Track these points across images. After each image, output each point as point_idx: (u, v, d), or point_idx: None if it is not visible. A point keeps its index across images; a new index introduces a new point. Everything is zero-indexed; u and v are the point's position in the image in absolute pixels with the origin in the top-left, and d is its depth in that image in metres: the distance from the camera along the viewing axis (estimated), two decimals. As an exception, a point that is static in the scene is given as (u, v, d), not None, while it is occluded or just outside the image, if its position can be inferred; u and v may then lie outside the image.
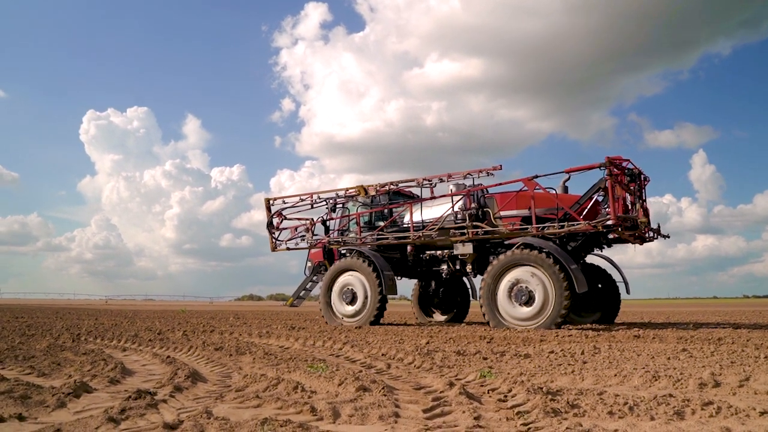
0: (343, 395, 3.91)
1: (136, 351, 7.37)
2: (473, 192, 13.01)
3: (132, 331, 10.74)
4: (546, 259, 11.17)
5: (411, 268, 14.62)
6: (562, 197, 12.11)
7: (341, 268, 14.09)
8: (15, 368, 5.41)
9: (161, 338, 9.09)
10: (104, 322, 15.48)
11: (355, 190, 14.72)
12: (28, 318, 18.39)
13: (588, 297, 13.17)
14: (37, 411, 3.47)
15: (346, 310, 13.95)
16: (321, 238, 15.10)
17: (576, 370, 5.09)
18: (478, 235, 12.51)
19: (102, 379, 4.59)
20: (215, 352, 6.90)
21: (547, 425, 3.08)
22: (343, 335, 9.57)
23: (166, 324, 14.04)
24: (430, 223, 13.36)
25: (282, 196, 16.06)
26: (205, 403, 3.71)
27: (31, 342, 8.29)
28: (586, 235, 11.93)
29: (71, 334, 9.73)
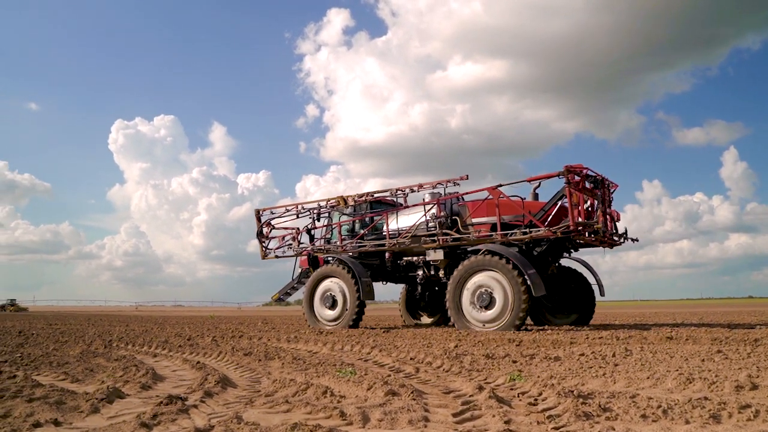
0: (372, 399, 3.92)
1: (167, 357, 7.45)
2: (444, 201, 13.57)
3: (162, 337, 10.88)
4: (505, 265, 11.69)
5: (390, 274, 15.29)
6: (530, 204, 12.65)
7: (323, 274, 14.84)
8: (50, 374, 5.51)
9: (191, 344, 9.19)
10: (135, 328, 15.70)
11: (336, 200, 15.49)
12: (61, 325, 18.73)
13: (564, 299, 14.08)
14: (71, 416, 3.53)
15: (327, 314, 14.68)
16: (306, 246, 15.95)
17: (607, 372, 5.03)
18: (447, 241, 13.12)
19: (134, 384, 4.66)
20: (244, 357, 6.96)
21: (578, 429, 3.04)
22: (371, 339, 9.58)
23: (195, 330, 14.19)
24: (404, 231, 14.00)
25: (270, 207, 16.91)
26: (235, 409, 3.74)
27: (64, 348, 8.45)
28: (550, 240, 12.37)
29: (103, 341, 9.88)
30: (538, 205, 12.61)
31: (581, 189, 11.72)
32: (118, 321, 23.55)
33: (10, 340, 10.33)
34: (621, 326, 14.56)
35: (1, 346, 9.00)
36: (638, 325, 15.19)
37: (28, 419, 3.43)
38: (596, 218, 11.77)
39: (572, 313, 14.30)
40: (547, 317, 14.54)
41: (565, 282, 14.10)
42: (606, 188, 12.35)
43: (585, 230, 11.65)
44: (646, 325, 15.13)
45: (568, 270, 14.14)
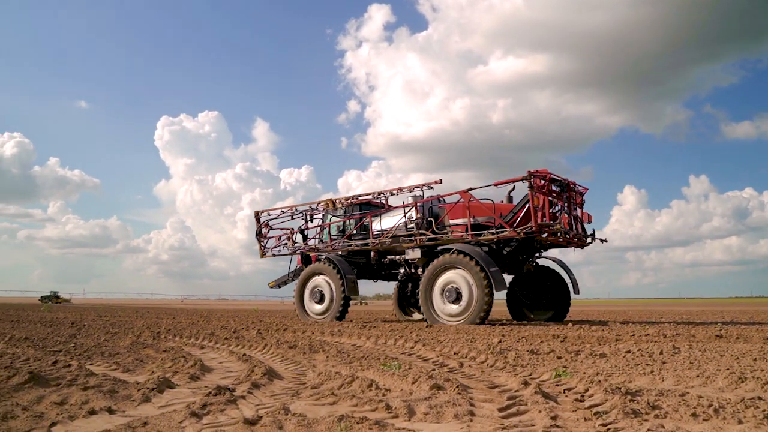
0: (417, 393, 3.92)
1: (213, 349, 7.59)
2: (422, 203, 14.58)
3: (208, 330, 11.09)
4: (470, 263, 12.51)
5: (376, 271, 16.38)
6: (502, 207, 13.58)
7: (312, 271, 16.06)
8: (102, 364, 5.68)
9: (236, 336, 9.35)
10: (181, 320, 16.03)
11: (325, 203, 16.82)
12: (111, 317, 19.24)
13: (542, 297, 15.14)
14: (124, 405, 3.63)
15: (316, 308, 15.93)
16: (300, 245, 17.23)
17: (655, 370, 4.94)
18: (423, 241, 14.11)
19: (183, 375, 4.76)
20: (289, 350, 7.04)
21: (627, 426, 3.00)
22: (414, 334, 9.59)
23: (240, 323, 14.42)
24: (387, 231, 14.99)
25: (268, 209, 18.17)
26: (282, 400, 3.79)
27: (115, 339, 8.69)
28: (519, 240, 13.18)
29: (151, 332, 10.12)
30: (510, 207, 13.45)
31: (545, 192, 12.50)
32: (164, 313, 24.07)
33: (63, 331, 10.66)
34: (668, 324, 14.26)
35: (56, 336, 9.29)
36: (685, 323, 14.85)
37: (84, 406, 3.54)
38: (559, 220, 12.50)
39: (549, 309, 15.14)
40: (526, 313, 15.48)
41: (542, 280, 15.04)
42: (573, 192, 13.21)
43: (546, 231, 12.37)
44: (693, 323, 14.80)
45: (545, 269, 14.96)
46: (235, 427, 2.98)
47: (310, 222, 17.32)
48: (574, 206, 13.27)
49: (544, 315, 15.15)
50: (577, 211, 13.42)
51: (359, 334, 9.65)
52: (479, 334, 9.59)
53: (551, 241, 12.89)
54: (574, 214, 13.23)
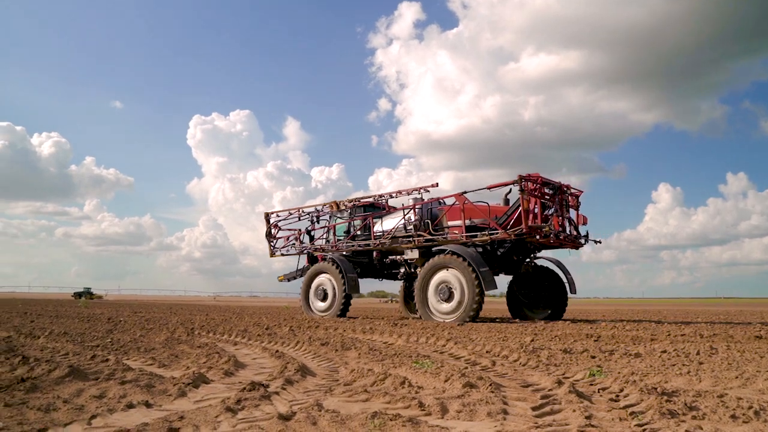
0: (450, 391, 3.93)
1: (247, 345, 7.68)
2: (420, 205, 15.35)
3: (241, 326, 11.21)
4: (462, 263, 13.13)
5: (379, 271, 17.17)
6: (497, 209, 14.19)
7: (316, 270, 17.00)
8: (138, 359, 5.79)
9: (269, 333, 9.44)
10: (214, 317, 16.24)
11: (329, 205, 17.92)
12: (146, 313, 19.57)
13: (540, 296, 15.58)
14: (161, 399, 3.70)
15: (319, 305, 16.87)
16: (307, 245, 18.28)
17: (692, 370, 4.87)
18: (420, 242, 14.84)
19: (217, 371, 4.83)
20: (321, 347, 7.09)
21: (663, 427, 2.97)
22: (446, 332, 9.57)
23: (272, 320, 14.55)
24: (386, 232, 15.84)
25: (277, 210, 19.26)
26: (315, 396, 3.83)
27: (150, 335, 8.84)
28: (512, 242, 13.70)
29: (186, 329, 10.27)
30: (504, 209, 14.03)
31: (537, 195, 13.11)
32: (198, 310, 24.39)
33: (100, 327, 10.88)
34: (704, 324, 14.00)
35: (93, 332, 9.49)
36: (723, 323, 14.57)
37: (122, 400, 3.62)
38: (550, 222, 13.03)
39: (547, 308, 15.54)
40: (525, 312, 15.83)
41: (540, 280, 15.50)
42: (566, 194, 13.73)
43: (536, 233, 12.91)
44: (731, 323, 14.52)
45: (543, 269, 15.43)
46: (269, 423, 3.02)
47: (316, 223, 18.42)
48: (567, 208, 13.82)
49: (542, 313, 15.57)
50: (571, 214, 13.97)
51: (391, 331, 9.67)
52: (511, 333, 9.54)
53: (543, 242, 13.41)
54: (567, 216, 13.77)
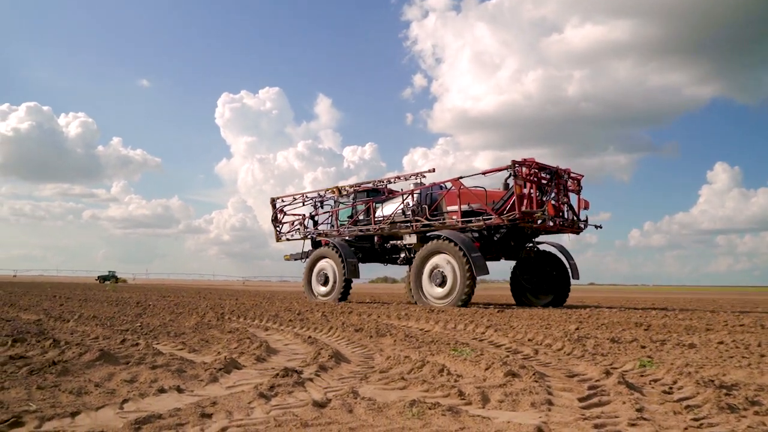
0: (490, 380, 3.92)
1: (278, 330, 7.77)
2: (418, 190, 16.12)
3: (272, 311, 11.35)
4: (454, 248, 13.85)
5: (381, 255, 18.02)
6: (494, 194, 14.80)
7: (318, 255, 17.96)
8: (168, 344, 5.90)
9: (301, 318, 9.53)
10: (245, 302, 16.48)
11: (332, 190, 18.96)
12: (174, 297, 19.93)
13: (542, 282, 16.30)
14: (192, 384, 3.77)
15: (321, 289, 17.78)
16: (311, 230, 19.30)
17: (753, 363, 4.77)
18: (418, 227, 15.62)
19: (249, 356, 4.90)
20: (355, 333, 7.14)
21: (722, 422, 2.91)
22: (485, 319, 9.55)
23: (304, 305, 14.69)
24: (385, 217, 16.67)
25: (282, 196, 20.37)
26: (350, 384, 3.85)
27: (180, 320, 9.01)
28: (508, 227, 14.39)
29: (216, 313, 10.44)
30: (502, 195, 14.53)
31: (532, 181, 13.72)
32: (227, 294, 24.75)
33: (129, 311, 11.12)
34: (765, 313, 13.72)
35: (122, 316, 9.71)
36: (784, 313, 14.26)
37: (153, 385, 3.70)
38: (544, 208, 13.55)
39: (549, 293, 16.25)
40: (529, 298, 16.54)
41: (542, 265, 16.18)
42: (564, 179, 14.28)
43: (529, 218, 13.53)
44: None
45: (546, 254, 16.07)
46: (304, 410, 3.05)
47: (321, 208, 19.57)
48: (566, 193, 14.40)
49: (545, 299, 16.18)
50: (570, 198, 14.52)
51: (427, 318, 9.68)
52: (555, 321, 9.48)
53: (539, 227, 14.07)
54: (565, 201, 14.34)
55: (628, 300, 25.59)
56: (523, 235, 15.07)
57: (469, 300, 13.90)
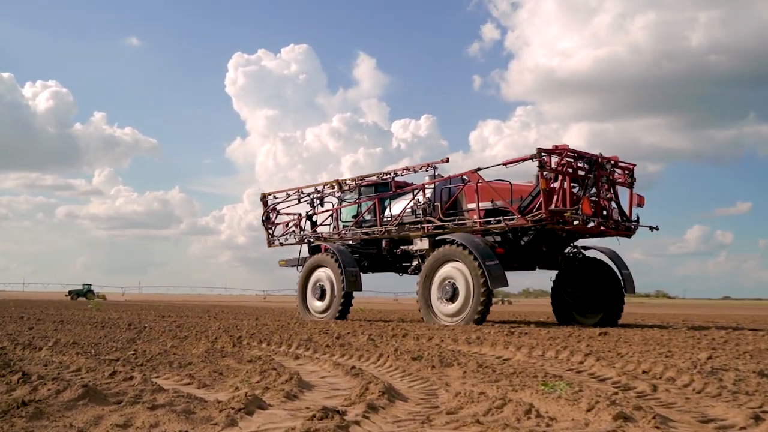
0: (595, 425, 3.87)
1: (312, 359, 7.84)
2: (432, 184, 16.98)
3: (303, 334, 11.47)
4: (467, 255, 14.54)
5: (390, 263, 18.99)
6: (522, 188, 15.37)
7: (314, 264, 19.09)
8: (171, 376, 6.01)
9: (341, 343, 9.61)
10: (267, 322, 16.69)
11: (330, 185, 19.75)
12: (176, 317, 20.32)
13: (589, 296, 16.74)
14: (204, 429, 3.82)
15: (316, 305, 18.92)
16: (307, 233, 20.40)
17: None
18: (429, 229, 16.43)
19: (276, 392, 4.94)
20: (412, 362, 7.15)
21: None
22: (584, 344, 9.47)
23: (344, 326, 14.80)
24: (393, 217, 17.64)
25: (275, 192, 21.57)
26: (409, 428, 3.86)
27: (185, 346, 9.17)
28: (537, 229, 14.88)
29: (230, 337, 10.59)
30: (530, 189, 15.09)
31: (564, 172, 14.23)
32: (243, 313, 25.13)
33: (119, 335, 11.38)
34: None
35: (110, 341, 9.93)
36: None
37: (153, 430, 3.76)
38: (578, 206, 13.99)
39: (599, 311, 16.65)
40: (575, 316, 16.98)
41: (588, 276, 16.70)
42: (608, 170, 14.98)
43: (559, 218, 14.02)
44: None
45: (593, 262, 16.70)
46: (349, 463, 3.06)
47: (320, 206, 20.48)
48: (611, 187, 15.13)
49: (594, 318, 16.57)
50: (618, 193, 15.29)
51: (506, 342, 9.64)
52: (678, 346, 9.34)
53: (577, 229, 14.62)
54: (609, 197, 15.04)
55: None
56: (558, 238, 15.69)
57: (484, 317, 14.63)
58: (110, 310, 28.67)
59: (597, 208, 14.65)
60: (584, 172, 14.60)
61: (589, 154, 14.72)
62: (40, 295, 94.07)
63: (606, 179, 14.85)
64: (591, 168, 14.62)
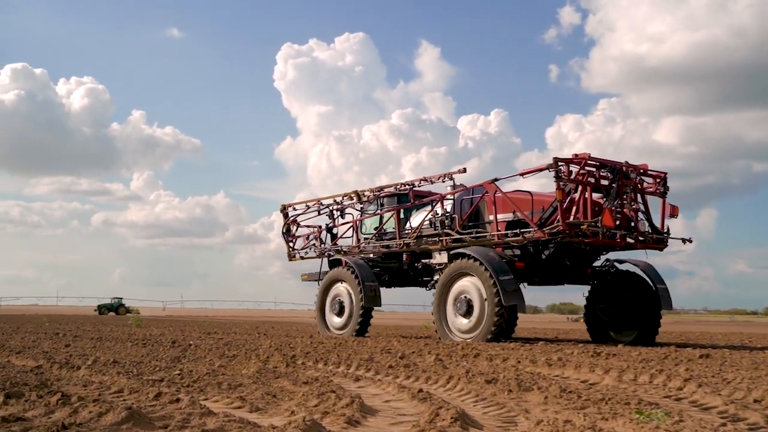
0: (700, 459, 3.81)
1: (374, 381, 7.86)
2: (452, 195, 18.12)
3: (364, 354, 11.52)
4: (480, 269, 15.37)
5: (412, 277, 20.17)
6: (545, 199, 16.09)
7: (333, 278, 20.19)
8: (221, 399, 6.08)
9: (406, 364, 9.61)
10: (323, 340, 16.77)
11: (349, 196, 20.84)
12: (223, 334, 20.61)
13: (623, 312, 17.25)
14: (259, 458, 3.86)
15: (335, 321, 20.09)
16: (327, 246, 21.68)
17: None
18: (447, 243, 17.24)
19: (336, 417, 4.97)
20: (486, 385, 7.12)
21: None
22: (682, 367, 9.32)
23: (408, 345, 14.81)
24: (412, 230, 18.60)
25: (295, 203, 22.99)
26: (486, 460, 3.84)
27: (234, 365, 9.28)
28: (557, 242, 15.51)
29: (284, 356, 10.67)
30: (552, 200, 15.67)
31: (585, 182, 14.83)
32: (297, 330, 25.30)
33: (162, 353, 11.55)
34: None
35: (154, 360, 10.09)
36: None
37: (204, 458, 3.80)
38: (599, 218, 14.53)
39: (634, 328, 17.20)
40: (610, 334, 17.60)
41: (622, 291, 17.26)
42: (634, 178, 15.60)
43: (577, 231, 14.56)
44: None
45: (627, 276, 17.28)
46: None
47: (341, 218, 21.83)
48: (638, 197, 15.79)
49: (629, 336, 17.10)
50: (646, 203, 15.94)
51: (592, 364, 9.54)
52: (791, 370, 9.13)
53: (600, 242, 15.04)
54: (636, 208, 15.66)
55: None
56: (581, 252, 16.30)
57: (498, 335, 15.39)
58: (151, 326, 29.15)
59: (622, 219, 15.25)
60: (608, 181, 15.16)
61: (613, 162, 15.27)
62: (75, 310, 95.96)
63: (632, 189, 15.48)
64: (615, 177, 15.13)
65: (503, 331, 15.74)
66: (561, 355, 11.61)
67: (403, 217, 19.81)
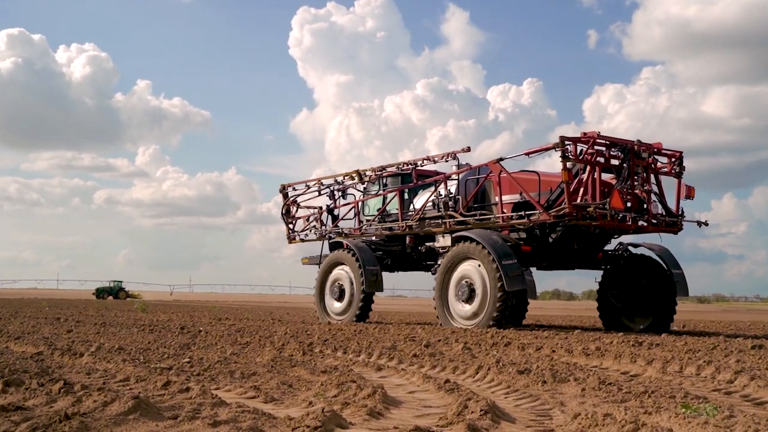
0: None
1: (397, 371, 7.88)
2: (457, 175, 18.53)
3: (386, 341, 11.57)
4: (484, 253, 15.82)
5: (415, 261, 20.72)
6: (552, 180, 16.20)
7: (333, 261, 20.91)
8: (233, 389, 6.11)
9: (431, 353, 9.63)
10: (342, 327, 16.82)
11: (350, 175, 21.47)
12: (235, 319, 20.71)
13: (637, 298, 17.74)
14: (275, 451, 3.87)
15: (335, 306, 20.75)
16: (328, 228, 22.26)
17: None
18: (451, 225, 17.74)
19: (357, 409, 4.98)
20: (518, 376, 7.12)
21: None
22: (732, 359, 9.28)
23: (432, 332, 14.84)
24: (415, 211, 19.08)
25: (295, 183, 23.64)
26: (520, 455, 3.84)
27: (247, 353, 9.32)
28: (565, 225, 15.98)
29: (300, 344, 10.72)
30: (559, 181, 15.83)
31: (594, 162, 15.20)
32: (313, 316, 25.34)
33: (171, 339, 11.63)
34: None
35: (161, 347, 10.16)
36: None
37: (216, 450, 3.83)
38: (607, 200, 14.77)
39: (649, 315, 17.71)
40: (623, 321, 18.13)
41: (636, 277, 17.76)
42: (646, 158, 15.83)
43: (584, 214, 14.90)
44: None
45: (641, 260, 17.81)
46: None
47: (342, 198, 22.38)
48: (651, 177, 16.09)
49: (644, 322, 17.68)
50: (660, 184, 16.29)
51: (633, 354, 9.51)
52: None
53: (608, 225, 15.56)
54: (648, 189, 15.93)
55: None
56: (590, 236, 16.81)
57: (501, 322, 15.77)
58: (158, 311, 29.32)
59: (633, 201, 15.55)
60: (618, 161, 15.47)
61: (624, 141, 15.59)
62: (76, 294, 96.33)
63: (644, 169, 15.85)
64: (626, 157, 15.39)
65: (508, 318, 15.97)
66: (599, 344, 11.59)
67: (406, 198, 20.31)
